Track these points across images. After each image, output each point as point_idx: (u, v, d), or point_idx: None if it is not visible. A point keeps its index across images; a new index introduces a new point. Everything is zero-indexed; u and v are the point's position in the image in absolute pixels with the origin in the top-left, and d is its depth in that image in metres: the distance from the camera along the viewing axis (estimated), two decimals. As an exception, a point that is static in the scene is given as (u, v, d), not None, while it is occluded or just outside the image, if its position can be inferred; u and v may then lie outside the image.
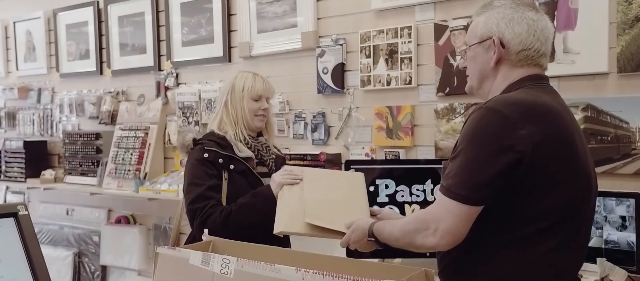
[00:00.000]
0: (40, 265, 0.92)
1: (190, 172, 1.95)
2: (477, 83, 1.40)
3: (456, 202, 1.22)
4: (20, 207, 0.89)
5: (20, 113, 4.38)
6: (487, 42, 1.33)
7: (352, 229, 1.57)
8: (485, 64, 1.35)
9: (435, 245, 1.26)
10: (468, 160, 1.21)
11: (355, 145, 2.77)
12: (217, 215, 1.85)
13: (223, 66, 3.30)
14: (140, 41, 3.70)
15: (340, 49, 2.80)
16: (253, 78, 2.07)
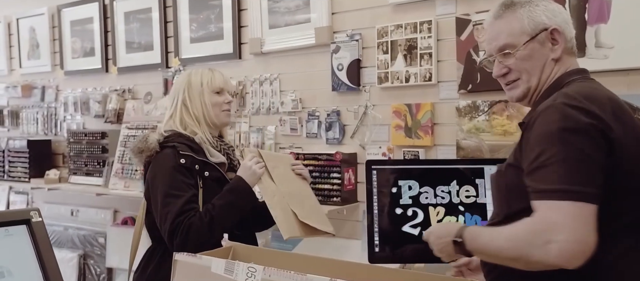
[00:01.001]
0: (55, 276, 0.84)
1: (165, 181, 1.71)
2: (535, 82, 1.28)
3: (574, 202, 1.04)
4: (33, 213, 0.81)
5: (24, 111, 4.30)
6: (542, 35, 1.24)
7: (437, 235, 1.37)
8: (544, 58, 1.25)
9: (558, 260, 1.03)
10: (566, 159, 1.09)
11: (372, 145, 2.68)
12: (199, 224, 1.68)
13: (233, 63, 3.21)
14: (147, 38, 3.61)
15: (355, 45, 2.71)
16: (211, 72, 1.95)
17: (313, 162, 2.72)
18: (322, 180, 2.68)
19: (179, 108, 1.86)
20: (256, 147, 3.10)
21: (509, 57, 1.27)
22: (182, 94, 1.89)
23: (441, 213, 1.94)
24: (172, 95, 1.94)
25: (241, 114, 3.18)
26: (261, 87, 3.10)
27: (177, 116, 1.86)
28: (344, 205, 2.63)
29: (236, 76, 3.19)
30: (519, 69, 1.27)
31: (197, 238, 1.66)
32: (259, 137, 3.09)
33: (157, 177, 1.73)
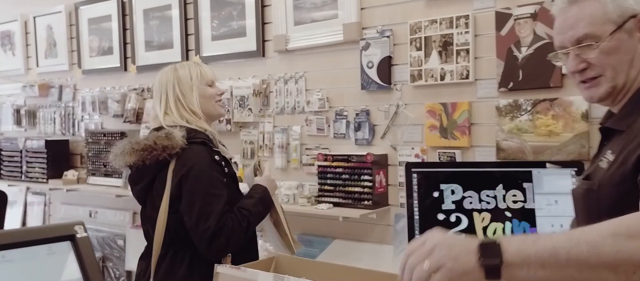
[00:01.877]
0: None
1: (205, 179, 1.60)
2: (622, 80, 1.10)
3: None
4: (77, 227, 0.72)
5: (41, 111, 4.25)
6: (630, 24, 1.09)
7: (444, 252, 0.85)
8: (633, 51, 1.08)
9: None
10: None
11: (404, 145, 2.58)
12: (239, 228, 1.62)
13: (256, 61, 3.12)
14: (166, 36, 3.53)
15: (386, 41, 2.61)
16: (197, 65, 1.87)
17: (342, 163, 2.62)
18: (352, 183, 2.58)
19: (173, 104, 1.76)
20: (281, 148, 3.01)
21: (590, 50, 1.09)
22: (172, 90, 1.78)
23: (487, 219, 1.84)
24: (160, 91, 1.81)
25: (265, 114, 3.09)
26: (286, 85, 3.00)
27: (174, 112, 1.75)
28: (376, 209, 2.54)
29: (259, 74, 3.10)
30: (602, 64, 1.10)
31: (236, 243, 1.61)
32: (283, 138, 3.00)
33: (194, 174, 1.61)
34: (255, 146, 3.13)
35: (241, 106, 3.12)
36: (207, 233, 1.56)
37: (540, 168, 1.80)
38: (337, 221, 2.77)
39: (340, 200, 2.61)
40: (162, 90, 1.80)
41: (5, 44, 4.55)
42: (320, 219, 2.82)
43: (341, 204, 2.61)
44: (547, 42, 2.13)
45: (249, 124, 3.14)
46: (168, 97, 1.78)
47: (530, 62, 2.18)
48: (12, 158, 4.13)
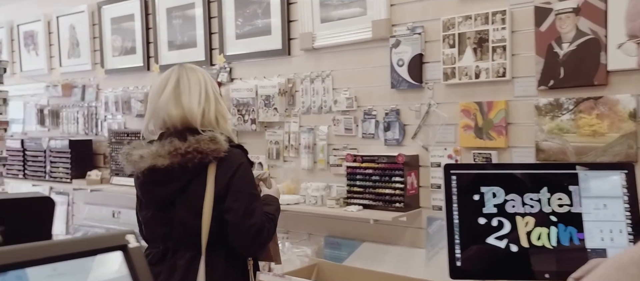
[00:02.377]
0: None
1: (248, 181, 1.63)
2: None
3: None
4: (128, 236, 0.67)
5: (64, 111, 4.26)
6: None
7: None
8: None
9: None
10: None
11: (436, 146, 2.51)
12: (271, 230, 1.65)
13: (282, 60, 3.07)
14: (190, 34, 3.51)
15: (418, 39, 2.53)
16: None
17: (372, 164, 2.56)
18: (382, 184, 2.52)
19: (213, 106, 1.70)
20: (307, 148, 2.96)
21: None
22: (213, 91, 1.73)
23: (531, 223, 1.75)
24: (202, 91, 1.71)
25: (290, 113, 3.04)
26: (312, 84, 2.95)
27: (212, 114, 1.68)
28: (407, 212, 2.47)
29: (285, 73, 3.05)
30: None
31: (268, 242, 1.65)
32: (310, 138, 2.94)
33: (240, 174, 1.61)
34: (281, 146, 3.08)
35: (266, 105, 3.08)
36: (252, 230, 1.57)
37: (587, 171, 1.71)
38: (365, 224, 2.70)
39: (370, 202, 2.54)
40: (204, 89, 1.71)
41: (29, 44, 4.58)
42: (348, 221, 2.76)
43: (371, 206, 2.54)
44: (591, 37, 2.04)
45: (274, 124, 3.10)
46: (209, 98, 1.71)
47: (572, 59, 2.09)
48: (36, 158, 4.15)
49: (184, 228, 1.60)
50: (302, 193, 2.82)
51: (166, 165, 1.56)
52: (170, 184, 1.62)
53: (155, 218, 1.64)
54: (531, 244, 1.74)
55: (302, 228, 3.00)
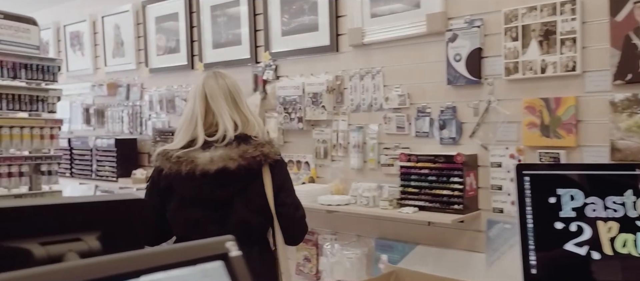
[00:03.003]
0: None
1: (290, 178, 1.85)
2: None
3: None
4: (229, 244, 0.61)
5: (109, 110, 4.31)
6: None
7: None
8: None
9: None
10: None
11: (497, 145, 2.38)
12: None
13: (330, 56, 3.00)
14: (235, 32, 3.48)
15: (476, 32, 2.41)
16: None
17: (428, 164, 2.45)
18: (439, 185, 2.41)
19: (250, 110, 1.79)
20: (356, 147, 2.88)
21: None
22: (244, 98, 1.80)
23: (614, 229, 1.62)
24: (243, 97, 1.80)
25: (339, 111, 2.96)
26: (362, 81, 2.86)
27: (253, 118, 1.77)
28: (466, 214, 2.36)
29: (332, 70, 2.98)
30: None
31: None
32: (359, 136, 2.85)
33: (286, 171, 1.84)
34: (329, 145, 3.01)
35: (314, 103, 3.01)
36: (303, 220, 1.79)
37: (679, 172, 1.57)
38: (419, 226, 2.60)
39: (426, 203, 2.44)
40: (239, 97, 1.76)
41: (75, 45, 4.66)
42: (400, 223, 2.66)
43: (427, 208, 2.43)
44: (675, 27, 1.88)
45: (321, 122, 3.02)
46: (246, 103, 1.79)
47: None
48: (82, 157, 4.21)
49: (241, 225, 1.67)
50: (353, 193, 2.74)
51: (235, 167, 1.63)
52: (231, 185, 1.68)
53: (206, 217, 1.67)
54: (616, 252, 1.60)
55: (351, 230, 2.91)
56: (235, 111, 1.72)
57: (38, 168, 2.14)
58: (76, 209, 0.55)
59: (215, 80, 1.75)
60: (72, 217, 0.54)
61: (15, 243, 0.48)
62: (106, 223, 0.57)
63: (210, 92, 1.72)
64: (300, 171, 3.13)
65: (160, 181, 1.69)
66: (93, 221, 0.56)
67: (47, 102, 2.18)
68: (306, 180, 3.03)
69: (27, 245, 0.48)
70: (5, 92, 2.03)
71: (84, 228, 0.54)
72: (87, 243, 0.53)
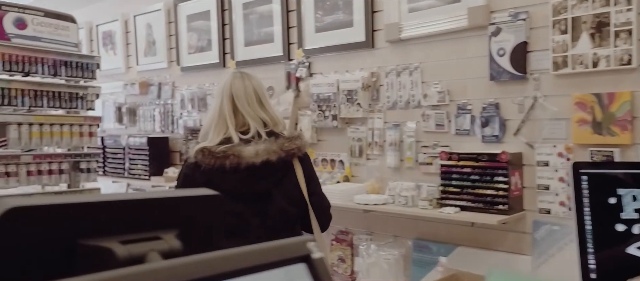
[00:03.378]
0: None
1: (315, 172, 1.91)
2: None
3: None
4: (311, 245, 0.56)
5: (141, 109, 4.34)
6: None
7: None
8: None
9: None
10: None
11: (543, 143, 2.29)
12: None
13: (365, 53, 2.93)
14: (267, 29, 3.44)
15: (521, 25, 2.32)
16: None
17: (470, 162, 2.37)
18: (483, 185, 2.32)
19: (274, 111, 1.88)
20: (392, 145, 2.81)
21: None
22: (268, 98, 1.89)
23: None
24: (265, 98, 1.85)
25: (374, 109, 2.90)
26: (398, 78, 2.79)
27: (277, 116, 1.85)
28: (512, 215, 2.27)
29: (368, 67, 2.91)
30: None
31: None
32: (396, 134, 2.79)
33: (313, 166, 1.90)
34: (364, 143, 2.95)
35: (348, 101, 2.95)
36: (329, 209, 1.88)
37: None
38: (459, 227, 2.52)
39: (468, 203, 2.36)
40: (264, 97, 1.84)
41: (107, 44, 4.70)
42: (439, 223, 2.58)
43: (469, 208, 2.35)
44: None
45: (356, 120, 2.96)
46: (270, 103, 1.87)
47: None
48: (115, 155, 4.24)
49: (281, 216, 1.74)
50: (390, 193, 2.67)
51: (275, 159, 1.70)
52: (270, 177, 1.75)
53: (247, 210, 1.72)
54: (684, 256, 1.50)
55: (387, 230, 2.85)
56: (261, 110, 1.79)
57: (77, 166, 2.14)
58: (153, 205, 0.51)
59: (241, 80, 1.81)
60: (149, 214, 0.50)
61: (96, 241, 0.44)
62: (184, 220, 0.53)
63: (237, 92, 1.78)
64: (334, 170, 3.07)
65: (197, 177, 1.70)
66: (170, 219, 0.51)
67: (85, 100, 2.17)
68: (341, 179, 2.97)
69: (108, 244, 0.44)
70: (46, 90, 2.03)
71: (161, 225, 0.50)
72: (167, 242, 0.48)
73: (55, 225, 0.42)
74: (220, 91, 1.82)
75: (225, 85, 1.81)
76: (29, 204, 0.40)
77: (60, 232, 0.43)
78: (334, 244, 3.03)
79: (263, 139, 1.71)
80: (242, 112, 1.76)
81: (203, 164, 1.69)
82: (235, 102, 1.76)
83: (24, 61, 1.99)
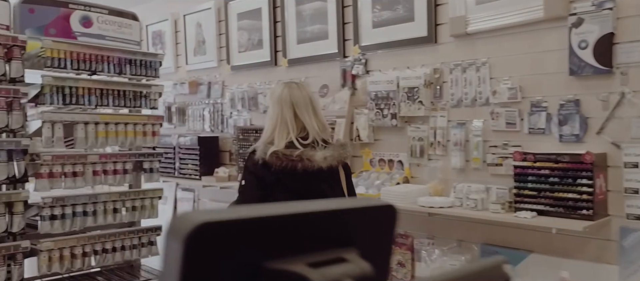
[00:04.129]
0: None
1: None
2: None
3: None
4: (505, 267, 0.45)
5: (190, 108, 4.33)
6: None
7: None
8: None
9: None
10: None
11: (632, 143, 2.10)
12: None
13: (427, 48, 2.79)
14: (321, 26, 3.34)
15: (608, 15, 2.13)
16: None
17: (548, 164, 2.20)
18: (563, 188, 2.15)
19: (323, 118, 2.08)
20: (457, 145, 2.66)
21: None
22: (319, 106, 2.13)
23: None
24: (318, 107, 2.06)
25: (436, 107, 2.76)
26: (464, 74, 2.64)
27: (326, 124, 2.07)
28: (597, 221, 2.09)
29: (430, 62, 2.78)
30: None
31: None
32: (461, 133, 2.64)
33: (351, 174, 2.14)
34: (425, 143, 2.81)
35: (409, 99, 2.82)
36: None
37: None
38: (532, 232, 2.35)
39: (546, 207, 2.19)
40: (317, 105, 2.04)
41: (157, 43, 4.72)
42: (511, 229, 2.42)
43: (547, 212, 2.18)
44: None
45: (417, 119, 2.83)
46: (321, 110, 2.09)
47: None
48: (166, 155, 4.23)
49: None
50: (457, 195, 2.52)
51: (336, 165, 1.94)
52: (329, 180, 1.96)
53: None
54: None
55: (451, 234, 2.70)
56: (314, 117, 1.97)
57: (140, 166, 2.10)
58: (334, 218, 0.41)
59: (299, 90, 1.99)
60: (330, 228, 0.40)
61: (282, 263, 0.34)
62: (361, 235, 0.42)
63: (296, 101, 1.95)
64: (393, 170, 2.95)
65: (267, 177, 1.86)
66: (347, 233, 0.41)
67: (149, 98, 2.13)
68: (400, 180, 2.85)
69: (297, 268, 0.34)
70: (111, 88, 2.00)
71: (340, 242, 0.40)
72: (356, 264, 0.38)
73: (241, 243, 0.32)
74: (277, 100, 1.96)
75: (283, 94, 1.96)
76: (218, 219, 0.30)
77: (245, 252, 0.33)
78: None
79: (321, 145, 1.92)
80: (301, 119, 1.93)
81: (274, 165, 1.83)
82: (296, 110, 1.94)
83: (91, 59, 1.96)
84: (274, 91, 2.01)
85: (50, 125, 1.83)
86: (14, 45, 1.74)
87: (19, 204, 1.72)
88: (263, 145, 1.88)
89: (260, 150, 1.86)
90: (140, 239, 2.09)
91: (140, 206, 2.08)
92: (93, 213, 1.93)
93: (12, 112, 1.73)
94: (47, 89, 1.86)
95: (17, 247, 1.70)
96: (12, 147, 1.71)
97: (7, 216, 1.70)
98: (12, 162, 1.72)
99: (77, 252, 1.89)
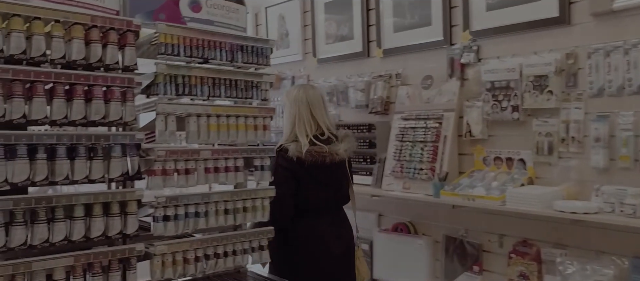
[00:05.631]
0: None
1: None
2: None
3: None
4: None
5: (273, 104, 4.14)
6: None
7: None
8: None
9: None
10: None
11: None
12: None
13: (556, 30, 2.41)
14: (422, 11, 3.03)
15: None
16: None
17: None
18: None
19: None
20: (599, 141, 2.28)
21: None
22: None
23: None
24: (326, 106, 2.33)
25: (570, 97, 2.38)
26: (607, 59, 2.26)
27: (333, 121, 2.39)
28: None
29: (561, 47, 2.41)
30: None
31: None
32: (604, 128, 2.26)
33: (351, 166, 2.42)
34: (555, 139, 2.45)
35: (535, 89, 2.46)
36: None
37: None
38: None
39: None
40: (326, 104, 2.31)
41: (237, 39, 4.58)
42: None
43: None
44: None
45: (544, 111, 2.47)
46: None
47: None
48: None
49: (344, 200, 2.34)
50: (606, 199, 2.15)
51: (348, 157, 2.26)
52: (343, 169, 2.27)
53: (330, 195, 2.25)
54: None
55: (586, 244, 2.33)
56: (325, 116, 2.22)
57: (251, 162, 1.89)
58: None
59: (313, 91, 2.25)
60: None
61: None
62: None
63: (311, 101, 2.20)
64: (512, 170, 2.59)
65: (298, 170, 2.10)
66: None
67: (260, 89, 1.92)
68: (524, 181, 2.49)
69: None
70: (223, 78, 1.80)
71: None
72: None
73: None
74: (294, 100, 2.20)
75: (300, 94, 2.20)
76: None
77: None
78: (513, 257, 2.56)
79: (336, 139, 2.19)
80: (316, 118, 2.19)
81: (307, 161, 2.09)
82: (311, 109, 2.18)
83: (204, 46, 1.76)
84: (290, 92, 2.25)
85: (164, 118, 1.65)
86: (128, 30, 1.56)
87: (133, 203, 1.54)
88: (293, 144, 2.10)
89: (292, 148, 2.08)
90: (251, 243, 1.88)
91: (251, 207, 1.86)
92: (205, 214, 1.73)
93: (126, 103, 1.55)
94: (160, 78, 1.67)
95: (131, 251, 1.51)
96: (126, 141, 1.53)
97: (121, 216, 1.52)
98: (126, 158, 1.54)
99: (190, 257, 1.70)
